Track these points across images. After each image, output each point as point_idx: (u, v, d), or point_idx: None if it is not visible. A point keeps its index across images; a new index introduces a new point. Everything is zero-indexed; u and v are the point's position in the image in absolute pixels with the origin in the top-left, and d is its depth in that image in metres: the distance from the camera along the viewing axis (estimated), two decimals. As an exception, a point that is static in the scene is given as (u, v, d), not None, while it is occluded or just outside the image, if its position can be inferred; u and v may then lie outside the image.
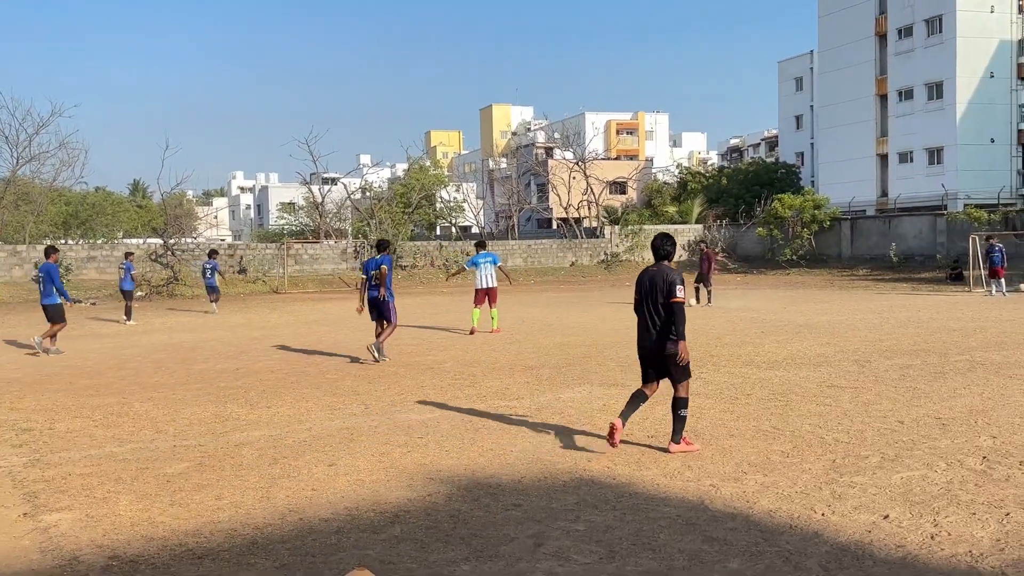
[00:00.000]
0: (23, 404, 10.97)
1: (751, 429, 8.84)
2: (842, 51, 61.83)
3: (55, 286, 16.44)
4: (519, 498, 6.66)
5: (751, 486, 6.84)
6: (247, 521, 6.20)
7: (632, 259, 47.92)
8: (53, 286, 16.41)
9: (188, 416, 10.02)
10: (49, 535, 5.97)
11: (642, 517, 6.14)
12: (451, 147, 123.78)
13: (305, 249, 41.45)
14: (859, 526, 5.89)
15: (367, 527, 6.04)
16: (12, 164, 40.02)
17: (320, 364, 14.22)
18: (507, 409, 10.16)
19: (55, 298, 16.50)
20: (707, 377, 12.19)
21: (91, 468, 7.71)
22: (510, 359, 14.46)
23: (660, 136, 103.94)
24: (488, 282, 18.36)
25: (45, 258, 16.81)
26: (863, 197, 57.59)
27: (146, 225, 68.77)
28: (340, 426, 9.37)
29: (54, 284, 16.43)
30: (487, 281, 18.34)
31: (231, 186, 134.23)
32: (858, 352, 14.56)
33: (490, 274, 18.39)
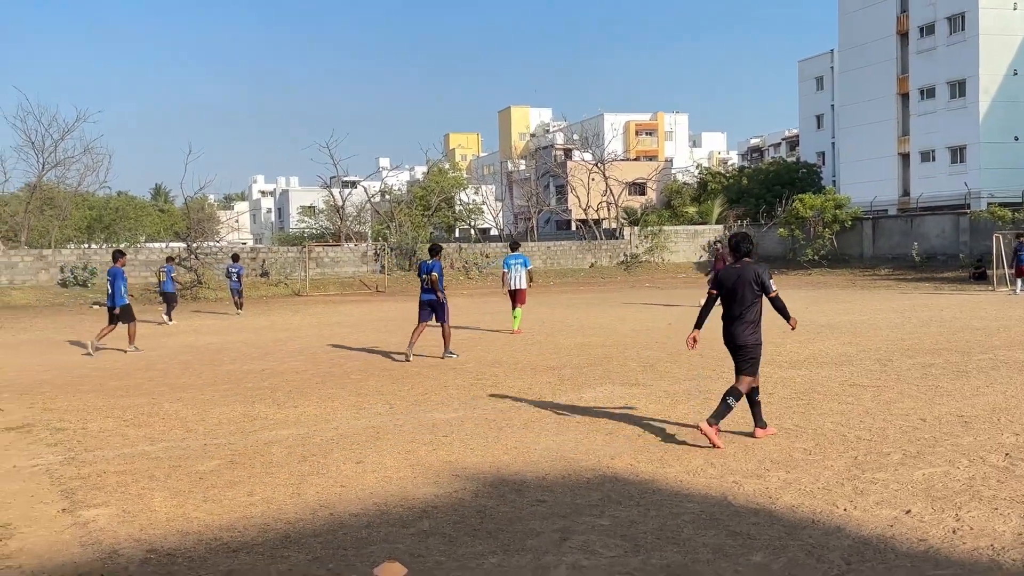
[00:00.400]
0: (56, 404, 11.18)
1: (773, 427, 8.90)
2: (863, 50, 61.57)
3: (114, 289, 16.99)
4: (544, 494, 6.77)
5: (774, 482, 6.93)
6: (279, 516, 6.35)
7: (652, 260, 47.93)
8: (122, 287, 17.00)
9: (217, 416, 10.20)
10: (88, 530, 6.13)
11: (666, 512, 6.24)
12: (470, 149, 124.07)
13: (326, 252, 41.71)
14: (881, 521, 5.96)
15: (396, 522, 6.17)
16: (38, 170, 40.51)
17: (344, 365, 14.39)
18: (530, 408, 10.27)
19: (124, 299, 17.07)
20: (729, 377, 12.22)
21: (125, 466, 7.88)
22: (532, 359, 14.57)
23: (680, 136, 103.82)
24: (518, 283, 18.75)
25: (113, 262, 17.48)
26: (885, 196, 57.31)
27: (168, 229, 69.37)
28: (366, 425, 9.52)
29: (114, 288, 16.98)
30: (517, 282, 18.73)
31: (252, 190, 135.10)
32: (880, 351, 14.57)
33: (520, 276, 18.79)
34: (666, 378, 12.25)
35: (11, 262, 34.85)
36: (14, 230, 41.99)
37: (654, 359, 14.21)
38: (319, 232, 60.83)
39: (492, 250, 45.28)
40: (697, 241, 49.72)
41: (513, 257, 19.15)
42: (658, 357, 14.43)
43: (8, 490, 7.18)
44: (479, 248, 45.39)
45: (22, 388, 12.64)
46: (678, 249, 49.13)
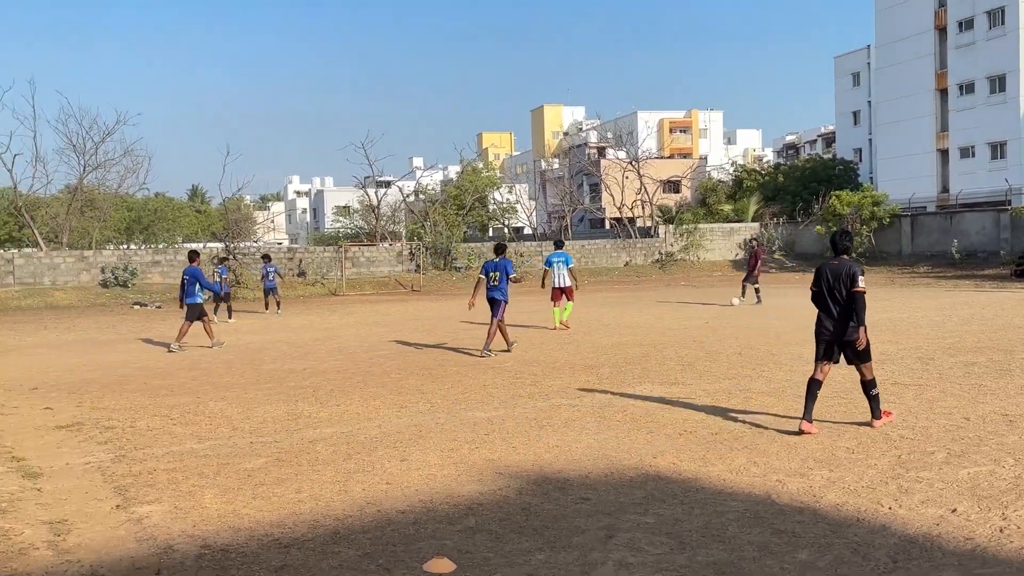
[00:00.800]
0: (103, 403, 11.41)
1: (815, 426, 8.89)
2: (900, 45, 60.89)
3: (202, 285, 17.83)
4: (587, 492, 6.83)
5: (817, 481, 6.94)
6: (327, 512, 6.46)
7: (687, 258, 47.72)
8: (196, 286, 17.67)
9: (261, 414, 10.36)
10: (143, 525, 6.28)
11: (710, 511, 6.28)
12: (503, 149, 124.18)
13: (362, 252, 41.98)
14: (927, 519, 5.96)
15: (443, 518, 6.26)
16: (79, 172, 41.16)
17: (383, 364, 14.52)
18: (570, 407, 10.33)
19: (197, 297, 17.74)
20: (769, 376, 12.25)
21: (175, 463, 8.04)
22: (569, 358, 14.62)
23: (714, 134, 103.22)
24: (561, 281, 19.07)
25: (189, 262, 18.31)
26: (923, 193, 56.65)
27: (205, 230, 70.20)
28: (408, 423, 9.63)
29: (200, 283, 17.75)
30: (560, 280, 19.05)
31: (287, 190, 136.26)
32: (921, 350, 14.47)
33: (562, 274, 19.08)
34: (705, 377, 12.25)
35: (53, 263, 35.44)
36: (55, 232, 42.71)
37: (692, 358, 14.21)
38: (354, 232, 61.27)
39: (527, 249, 45.34)
40: (733, 239, 49.45)
41: (556, 255, 19.47)
42: (696, 356, 14.42)
43: (63, 487, 7.36)
44: (513, 247, 45.43)
45: (70, 387, 12.89)
46: (714, 247, 48.89)
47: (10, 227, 53.13)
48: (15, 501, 6.97)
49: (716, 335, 17.40)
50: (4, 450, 8.82)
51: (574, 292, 19.62)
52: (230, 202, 47.25)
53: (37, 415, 10.74)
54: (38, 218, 41.84)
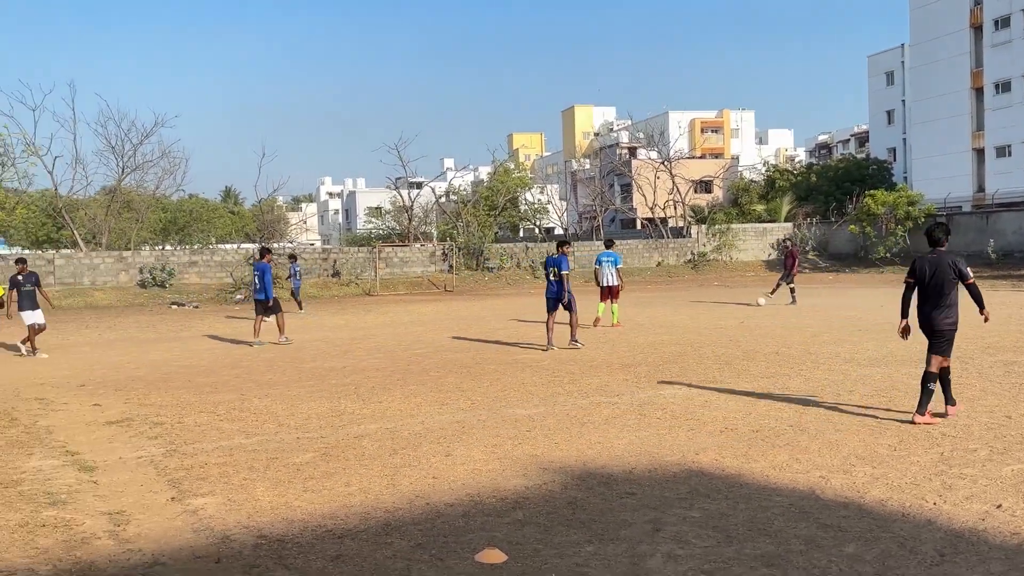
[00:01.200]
0: (150, 400, 11.64)
1: (856, 423, 8.93)
2: (935, 44, 60.31)
3: (265, 284, 18.20)
4: (632, 487, 6.92)
5: (860, 477, 6.98)
6: (377, 505, 6.60)
7: (720, 258, 47.56)
8: (264, 284, 18.23)
9: (306, 411, 10.54)
10: (198, 517, 6.45)
11: (755, 505, 6.35)
12: (533, 149, 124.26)
13: (395, 252, 42.23)
14: (972, 515, 6.00)
15: (491, 511, 6.38)
16: (118, 174, 41.73)
17: (422, 362, 14.67)
18: (609, 404, 10.42)
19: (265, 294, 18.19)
20: (807, 374, 12.26)
21: (225, 458, 8.23)
22: (606, 357, 14.70)
23: (746, 134, 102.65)
24: (610, 280, 19.55)
25: (260, 258, 19.15)
26: (959, 193, 56.06)
27: (239, 231, 70.84)
28: (450, 420, 9.76)
29: (264, 282, 18.17)
30: (609, 279, 19.53)
31: (320, 191, 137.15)
32: (959, 349, 14.27)
33: (612, 272, 19.55)
34: (743, 376, 12.28)
35: (93, 263, 36.00)
36: (93, 233, 43.33)
37: (729, 357, 14.24)
38: (386, 233, 61.66)
39: (558, 250, 45.33)
40: (766, 239, 49.22)
41: (605, 255, 20.06)
42: (733, 355, 14.44)
43: (118, 480, 7.56)
44: (545, 247, 45.51)
45: (116, 384, 13.15)
46: (746, 247, 48.69)
47: (48, 228, 53.95)
48: (73, 493, 7.17)
49: (752, 334, 17.40)
50: (58, 444, 9.05)
51: (619, 291, 20.02)
52: (264, 203, 47.73)
53: (87, 411, 10.99)
54: (77, 219, 42.48)
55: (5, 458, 8.45)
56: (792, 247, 26.68)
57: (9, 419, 10.50)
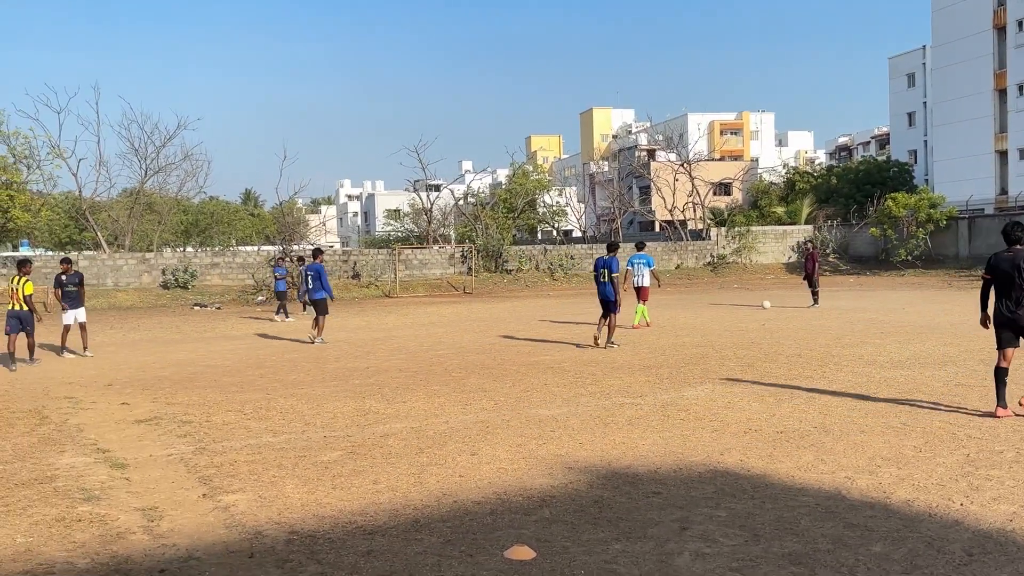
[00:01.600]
0: (178, 399, 11.77)
1: (881, 425, 8.94)
2: (958, 45, 59.94)
3: (322, 283, 18.77)
4: (658, 487, 6.97)
5: (886, 478, 7.00)
6: (406, 503, 6.68)
7: (739, 261, 47.47)
8: (321, 283, 18.75)
9: (331, 410, 10.63)
10: (230, 513, 6.55)
11: (781, 505, 6.38)
12: (551, 152, 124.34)
13: (414, 254, 42.38)
14: (999, 516, 6.01)
15: (518, 509, 6.44)
16: (141, 176, 42.07)
17: (444, 363, 14.75)
18: (632, 405, 10.46)
19: (323, 293, 18.72)
20: (831, 376, 12.26)
21: (253, 456, 8.33)
22: (628, 359, 14.73)
23: (766, 136, 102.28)
24: (641, 281, 19.98)
25: (313, 259, 19.67)
26: (981, 195, 55.72)
27: (260, 233, 71.22)
28: (474, 419, 9.83)
29: (321, 282, 18.77)
30: (641, 280, 20.01)
31: (339, 194, 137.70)
32: (983, 352, 14.31)
33: (642, 274, 20.00)
34: (766, 377, 12.29)
35: (116, 265, 36.31)
36: (115, 234, 43.70)
37: (751, 358, 14.25)
38: (404, 235, 61.88)
39: (577, 251, 45.45)
40: (785, 242, 49.07)
41: (637, 256, 20.53)
42: (755, 356, 14.45)
43: (150, 477, 7.67)
44: (564, 250, 45.58)
45: (143, 384, 13.30)
46: (766, 250, 48.55)
47: (71, 230, 54.45)
48: (107, 489, 7.28)
49: (773, 336, 17.39)
50: (88, 442, 9.18)
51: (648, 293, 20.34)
52: (284, 205, 47.99)
53: (115, 410, 11.12)
54: (100, 221, 42.85)
55: (39, 455, 8.58)
56: (812, 249, 26.59)
57: (40, 417, 10.65)
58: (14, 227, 35.69)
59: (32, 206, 36.54)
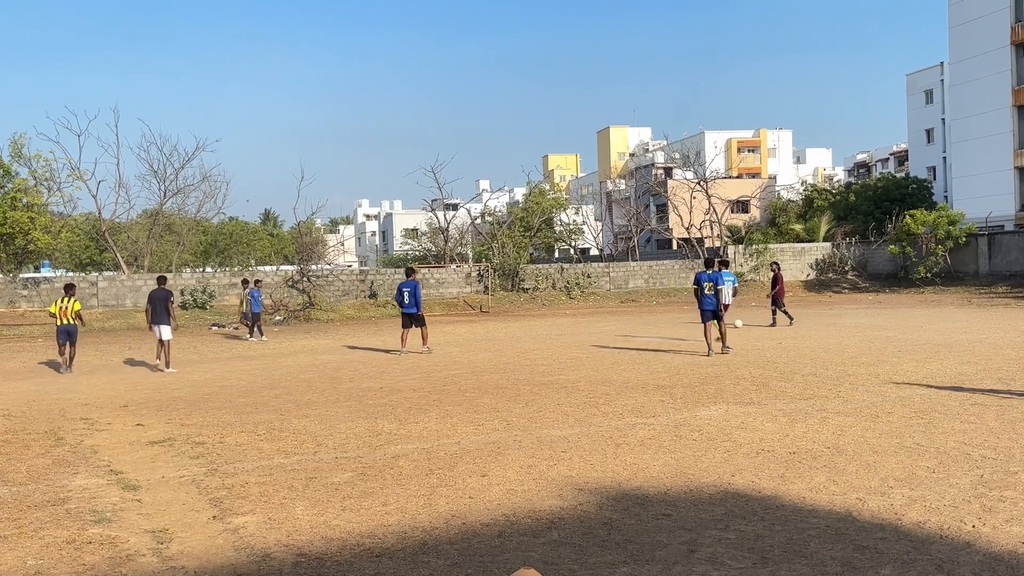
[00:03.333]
0: (191, 420, 11.83)
1: (894, 445, 8.87)
2: (976, 62, 59.66)
3: (416, 298, 20.14)
4: (667, 508, 6.94)
5: (898, 499, 6.95)
6: (415, 525, 6.68)
7: (757, 279, 47.28)
8: (415, 299, 20.15)
9: (344, 431, 10.66)
10: (239, 535, 6.57)
11: (791, 527, 6.34)
12: (568, 170, 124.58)
13: (431, 273, 42.48)
14: (1012, 538, 5.95)
15: (526, 532, 6.43)
16: (160, 197, 42.45)
17: (458, 383, 14.76)
18: (645, 426, 10.43)
19: (414, 308, 20.14)
20: (846, 395, 12.18)
21: (265, 477, 8.35)
22: (642, 378, 14.69)
23: (783, 153, 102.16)
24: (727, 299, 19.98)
25: (406, 277, 21.04)
26: (1001, 212, 55.29)
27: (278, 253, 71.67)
28: (486, 440, 9.83)
29: (415, 297, 20.13)
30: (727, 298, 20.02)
31: (357, 214, 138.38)
32: (1001, 370, 14.23)
33: (728, 292, 20.28)
34: (781, 397, 12.23)
35: (135, 285, 36.56)
36: (135, 255, 44.07)
37: (766, 378, 14.18)
38: (422, 254, 62.04)
39: (594, 270, 45.43)
40: (804, 259, 48.89)
41: (727, 274, 20.53)
42: (770, 376, 14.38)
43: (161, 498, 7.70)
44: (581, 268, 45.58)
45: (158, 405, 13.38)
46: (784, 267, 48.01)
47: (91, 251, 54.96)
48: (118, 511, 7.32)
49: (789, 355, 17.30)
50: (102, 464, 9.24)
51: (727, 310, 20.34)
52: (302, 226, 48.23)
53: (130, 431, 11.19)
54: (119, 242, 43.21)
55: (52, 477, 8.64)
56: (778, 270, 26.52)
57: (55, 439, 10.73)
58: (35, 248, 36.01)
59: (52, 228, 36.91)
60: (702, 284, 17.96)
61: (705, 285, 17.89)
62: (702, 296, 17.92)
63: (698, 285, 18.10)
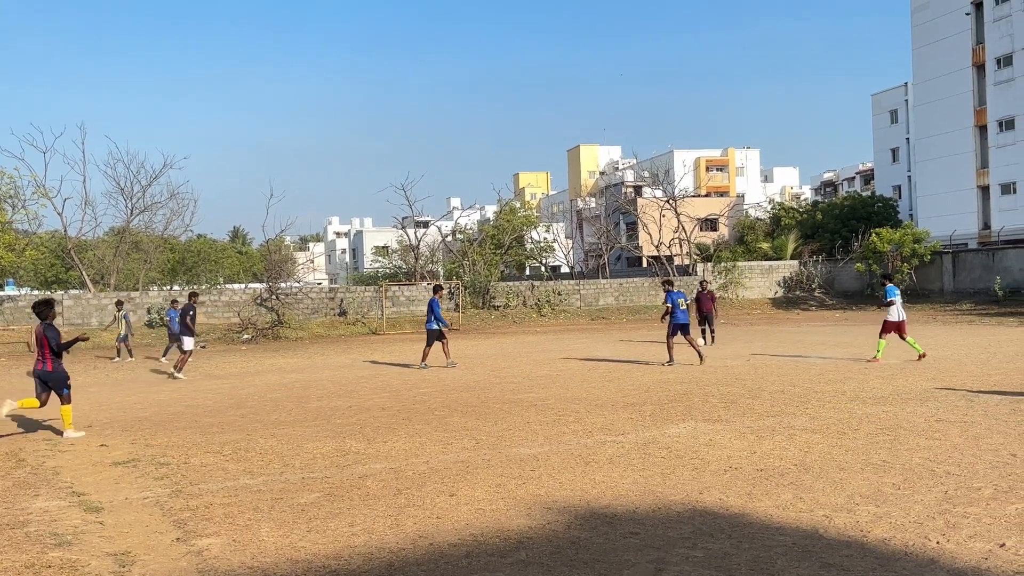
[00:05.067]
0: (157, 440, 11.68)
1: (860, 462, 8.93)
2: (938, 82, 60.69)
3: (436, 316, 20.67)
4: (635, 527, 6.93)
5: (864, 516, 6.98)
6: (381, 545, 6.62)
7: (726, 296, 47.55)
8: (434, 315, 20.68)
9: (311, 450, 10.57)
10: (203, 558, 6.48)
11: (758, 545, 6.35)
12: (539, 188, 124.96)
13: (402, 291, 42.36)
14: (975, 554, 6.00)
15: (494, 552, 6.39)
16: (126, 215, 42.03)
17: (427, 402, 14.70)
18: (614, 443, 10.43)
19: (434, 324, 20.72)
20: (813, 412, 12.26)
21: (230, 498, 8.25)
22: (611, 396, 14.71)
23: (751, 172, 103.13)
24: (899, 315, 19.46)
25: (433, 294, 21.36)
26: (964, 230, 56.15)
27: (247, 271, 71.13)
28: (455, 459, 9.78)
29: (435, 314, 20.65)
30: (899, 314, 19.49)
31: (327, 231, 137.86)
32: (966, 387, 14.39)
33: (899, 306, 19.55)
34: (749, 414, 12.28)
35: (101, 304, 36.15)
36: (101, 273, 43.57)
37: (735, 395, 14.24)
38: (392, 271, 61.87)
39: (564, 287, 45.51)
40: (772, 277, 49.28)
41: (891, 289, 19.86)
42: (739, 393, 14.45)
43: (124, 520, 7.59)
44: (551, 286, 45.63)
45: (123, 425, 13.20)
46: (752, 285, 48.71)
47: (57, 269, 54.28)
48: (79, 534, 7.20)
49: (758, 372, 17.40)
50: (64, 485, 9.09)
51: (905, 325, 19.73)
52: (271, 243, 47.95)
53: (93, 452, 11.02)
54: (85, 260, 42.71)
55: (12, 499, 8.49)
56: (708, 288, 26.77)
57: (17, 460, 10.55)
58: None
59: (17, 246, 36.44)
60: (675, 301, 19.91)
61: (678, 301, 19.88)
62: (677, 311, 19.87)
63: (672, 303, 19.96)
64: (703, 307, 26.00)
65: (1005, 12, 55.55)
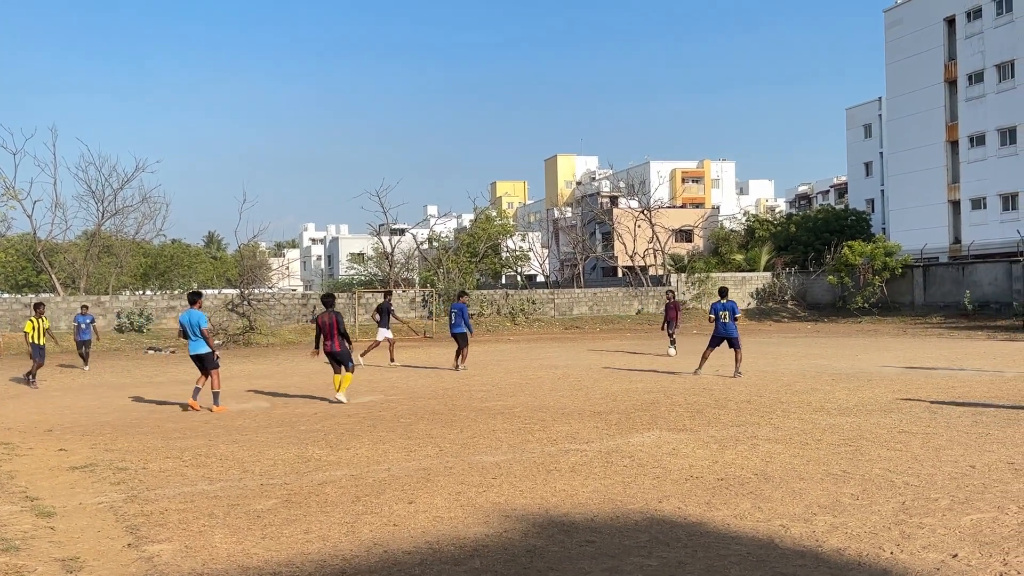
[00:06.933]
0: (117, 445, 11.54)
1: (821, 472, 8.95)
2: (911, 97, 61.32)
3: (464, 320, 21.44)
4: (592, 535, 6.90)
5: (820, 526, 6.99)
6: (335, 553, 6.55)
7: (699, 307, 47.74)
8: (463, 320, 21.44)
9: (272, 457, 10.47)
10: (153, 564, 6.38)
11: (713, 554, 6.34)
12: (516, 197, 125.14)
13: (375, 298, 42.16)
14: (927, 564, 6.01)
15: (448, 560, 6.34)
16: (98, 218, 41.64)
17: (394, 408, 14.62)
18: (577, 452, 10.40)
19: (463, 328, 21.41)
20: (777, 423, 12.30)
21: (185, 504, 8.15)
22: (579, 404, 14.69)
23: (726, 184, 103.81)
24: None
25: (457, 299, 22.48)
26: (935, 244, 56.68)
27: (221, 276, 70.64)
28: (417, 467, 9.72)
29: (463, 319, 21.44)
30: None
31: (303, 237, 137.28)
32: (931, 399, 14.49)
33: None
34: (714, 424, 12.30)
35: (70, 308, 35.73)
36: (72, 277, 43.11)
37: (701, 404, 14.27)
38: (368, 279, 61.61)
39: (539, 296, 45.52)
40: (745, 288, 49.52)
41: None
42: (705, 403, 14.47)
43: (76, 526, 7.47)
44: (526, 295, 45.62)
45: (84, 429, 13.03)
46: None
47: (28, 272, 53.67)
48: (28, 539, 7.08)
49: (725, 382, 17.45)
50: (18, 490, 8.95)
51: None
52: (245, 248, 47.64)
53: (51, 456, 10.87)
54: (56, 263, 42.25)
55: (-38, 503, 8.34)
56: (675, 298, 27.20)
57: (-29, 464, 10.37)
58: (-34, 269, 35.10)
59: (-16, 247, 36.03)
60: (718, 313, 18.96)
61: (721, 314, 18.89)
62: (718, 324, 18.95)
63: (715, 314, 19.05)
64: (668, 315, 26.38)
65: (977, 29, 56.26)
